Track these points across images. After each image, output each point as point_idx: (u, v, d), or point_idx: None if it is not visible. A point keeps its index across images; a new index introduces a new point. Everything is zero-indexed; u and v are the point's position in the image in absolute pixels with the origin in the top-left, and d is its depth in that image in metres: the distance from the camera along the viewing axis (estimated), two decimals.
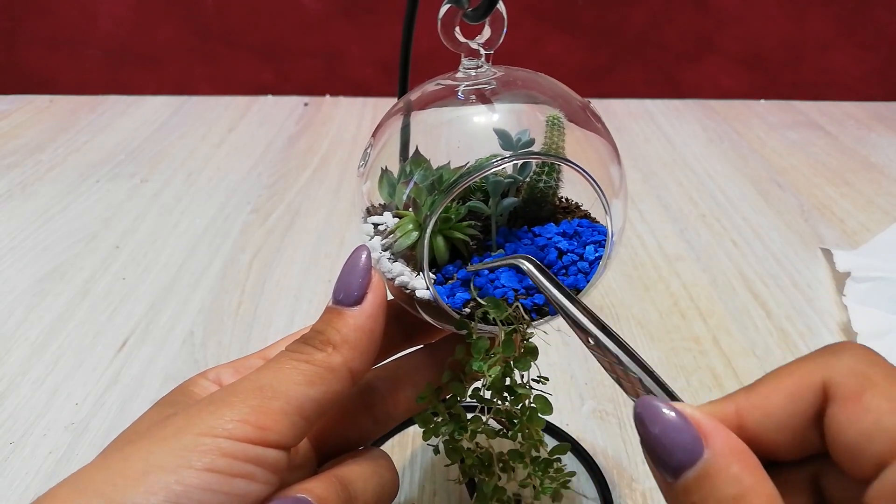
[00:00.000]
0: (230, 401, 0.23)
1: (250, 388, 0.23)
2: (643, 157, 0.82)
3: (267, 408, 0.22)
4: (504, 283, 0.28)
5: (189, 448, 0.21)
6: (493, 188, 0.29)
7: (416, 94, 0.30)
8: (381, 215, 0.30)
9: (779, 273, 0.58)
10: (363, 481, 0.26)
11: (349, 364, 0.25)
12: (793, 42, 0.97)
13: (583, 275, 0.29)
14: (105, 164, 0.79)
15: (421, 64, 0.31)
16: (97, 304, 0.54)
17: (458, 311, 0.28)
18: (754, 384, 0.22)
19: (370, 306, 0.25)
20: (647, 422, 0.20)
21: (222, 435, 0.21)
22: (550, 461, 0.30)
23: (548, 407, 0.29)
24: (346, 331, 0.25)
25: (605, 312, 0.54)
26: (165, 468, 0.20)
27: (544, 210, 0.31)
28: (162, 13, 0.97)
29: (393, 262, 0.28)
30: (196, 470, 0.21)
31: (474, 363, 0.28)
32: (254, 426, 0.22)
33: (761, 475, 0.19)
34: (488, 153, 0.27)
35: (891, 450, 0.18)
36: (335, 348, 0.25)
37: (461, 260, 0.29)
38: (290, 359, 0.24)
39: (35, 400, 0.45)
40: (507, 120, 0.28)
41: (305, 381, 0.24)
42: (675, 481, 0.20)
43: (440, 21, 0.28)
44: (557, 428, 0.42)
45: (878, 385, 0.19)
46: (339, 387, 0.24)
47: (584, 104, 0.30)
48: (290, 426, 0.23)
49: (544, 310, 0.29)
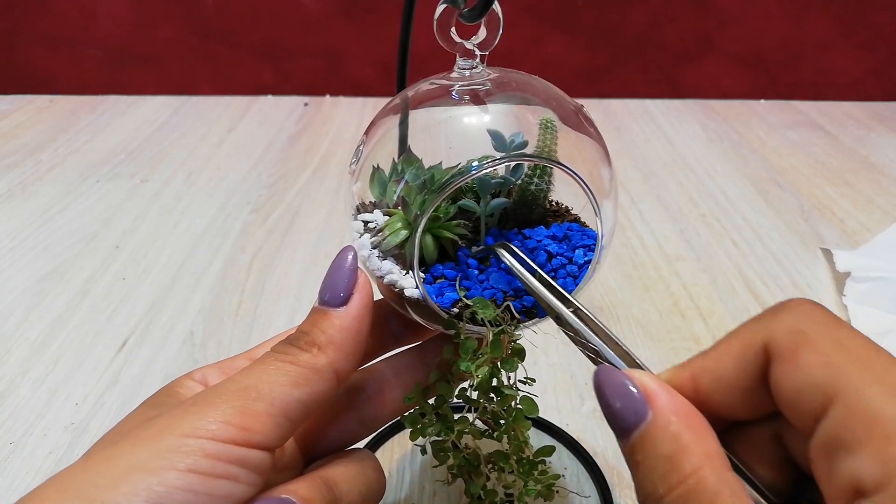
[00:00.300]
0: (214, 402, 0.22)
1: (234, 389, 0.23)
2: (643, 157, 0.82)
3: (251, 409, 0.22)
4: (493, 283, 0.28)
5: (172, 449, 0.21)
6: (482, 187, 0.29)
7: (410, 92, 0.30)
8: (372, 213, 0.30)
9: (779, 273, 0.58)
10: (348, 482, 0.26)
11: (334, 365, 0.25)
12: (793, 42, 0.97)
13: (571, 278, 0.29)
14: (105, 164, 0.79)
15: (419, 64, 0.31)
16: (97, 304, 0.54)
17: (446, 310, 0.28)
18: (709, 348, 0.22)
19: (356, 307, 0.25)
20: (602, 388, 0.21)
21: (206, 436, 0.21)
22: (535, 463, 0.30)
23: (534, 408, 0.29)
24: (332, 332, 0.25)
25: (605, 312, 0.54)
26: (148, 469, 0.20)
27: (535, 213, 0.31)
28: (162, 13, 0.97)
29: (382, 259, 0.28)
30: (178, 471, 0.20)
31: (462, 363, 0.28)
32: (237, 427, 0.22)
33: (702, 434, 0.20)
34: (481, 154, 0.27)
35: (822, 404, 0.18)
36: (320, 349, 0.25)
37: (450, 259, 0.29)
38: (274, 360, 0.24)
39: (35, 400, 0.45)
40: (500, 121, 0.28)
41: (290, 383, 0.24)
42: (625, 443, 0.21)
43: (436, 21, 0.28)
44: (557, 428, 0.42)
45: (812, 342, 0.19)
46: (323, 388, 0.24)
47: (577, 107, 0.30)
48: (274, 427, 0.23)
49: (532, 311, 0.29)
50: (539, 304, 0.27)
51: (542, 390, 0.46)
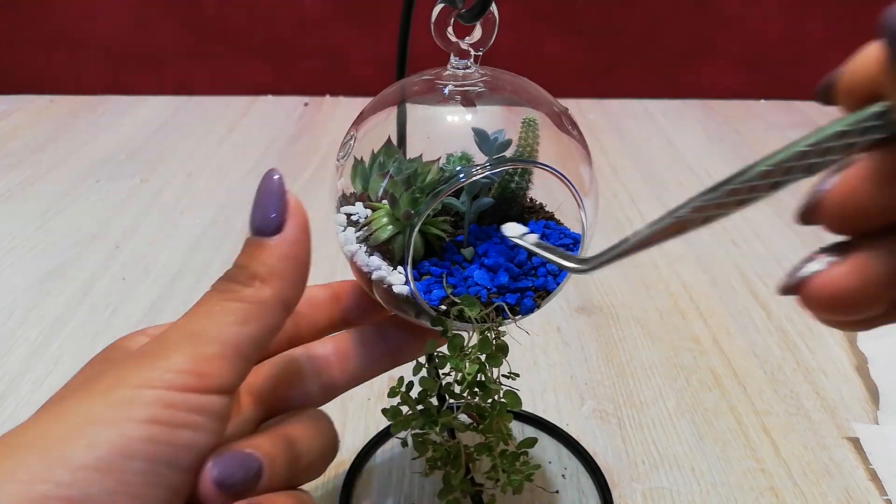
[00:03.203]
0: (164, 352, 0.22)
1: (182, 335, 0.22)
2: (643, 157, 0.82)
3: (203, 354, 0.22)
4: (477, 281, 0.28)
5: (127, 400, 0.20)
6: (469, 187, 0.29)
7: (402, 82, 0.31)
8: (353, 206, 0.30)
9: (779, 273, 0.58)
10: (308, 440, 0.26)
11: (280, 295, 0.24)
12: (793, 42, 0.97)
13: (552, 276, 0.30)
14: (105, 165, 0.79)
15: (419, 64, 0.31)
16: (97, 304, 0.54)
17: (434, 308, 0.28)
18: None
19: (293, 232, 0.24)
20: None
21: (161, 386, 0.21)
22: (517, 454, 0.31)
23: (516, 402, 0.30)
24: (272, 262, 0.24)
25: (605, 312, 0.54)
26: (105, 421, 0.20)
27: (513, 209, 0.31)
28: (162, 13, 0.97)
29: (370, 255, 0.28)
30: (138, 422, 0.20)
31: (450, 360, 0.28)
32: (192, 374, 0.21)
33: None
34: (460, 147, 0.28)
35: None
36: (262, 282, 0.24)
37: (435, 255, 0.29)
38: (218, 299, 0.23)
39: (35, 400, 0.45)
40: (485, 120, 0.29)
41: (238, 321, 0.23)
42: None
43: (433, 20, 0.28)
44: (557, 428, 0.42)
45: None
46: (273, 320, 0.24)
47: (563, 111, 0.31)
48: (231, 369, 0.22)
49: (516, 309, 0.29)
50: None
51: (542, 390, 0.46)
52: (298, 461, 0.25)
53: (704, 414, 0.44)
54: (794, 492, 0.38)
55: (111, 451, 0.19)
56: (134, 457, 0.20)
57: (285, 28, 0.98)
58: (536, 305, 0.29)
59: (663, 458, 0.41)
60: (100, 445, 0.19)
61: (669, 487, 0.39)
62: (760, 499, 0.38)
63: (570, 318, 0.53)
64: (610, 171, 0.78)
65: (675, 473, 0.40)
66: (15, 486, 0.18)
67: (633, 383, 0.46)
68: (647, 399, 0.45)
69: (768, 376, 0.47)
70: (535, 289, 0.29)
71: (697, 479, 0.39)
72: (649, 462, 0.40)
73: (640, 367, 0.48)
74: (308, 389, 0.30)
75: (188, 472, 0.21)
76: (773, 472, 0.40)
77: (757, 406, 0.45)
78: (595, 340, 0.50)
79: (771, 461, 0.40)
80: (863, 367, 0.47)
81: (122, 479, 0.19)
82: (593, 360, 0.49)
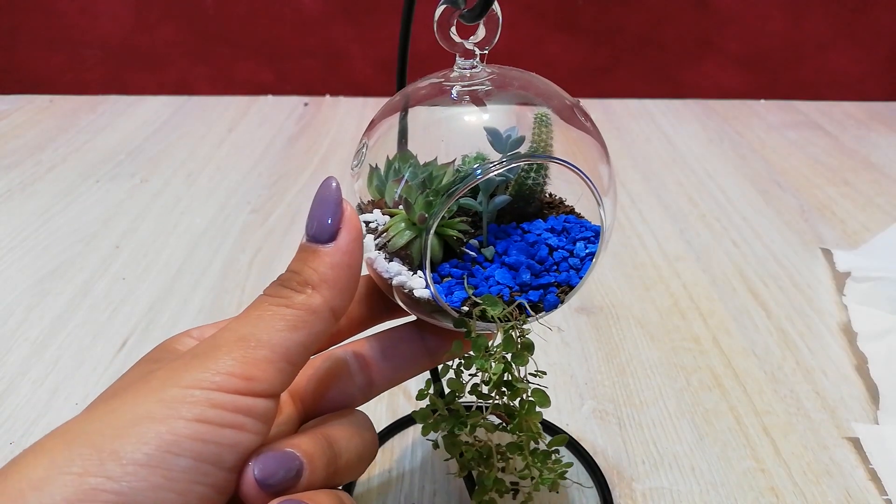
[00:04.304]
0: (214, 354, 0.22)
1: (233, 338, 0.23)
2: (643, 157, 0.82)
3: (252, 358, 0.22)
4: (499, 280, 0.28)
5: (177, 399, 0.21)
6: (485, 186, 0.29)
7: (409, 89, 0.31)
8: (371, 213, 0.30)
9: (779, 273, 0.58)
10: (346, 440, 0.26)
11: (330, 303, 0.24)
12: (793, 42, 0.97)
13: (574, 271, 0.29)
14: (105, 164, 0.79)
15: (419, 64, 0.31)
16: (97, 304, 0.54)
17: (456, 309, 0.28)
18: None
19: (346, 241, 0.25)
20: None
21: (210, 387, 0.21)
22: (549, 452, 0.31)
23: (546, 400, 0.29)
24: (324, 269, 0.24)
25: (606, 312, 0.54)
26: (155, 418, 0.20)
27: (531, 206, 0.31)
28: (162, 13, 0.97)
29: (389, 261, 0.28)
30: (186, 420, 0.20)
31: (476, 361, 0.28)
32: (241, 377, 0.22)
33: None
34: (475, 148, 0.28)
35: None
36: (314, 289, 0.24)
37: (455, 257, 0.29)
38: (269, 304, 0.24)
39: (35, 400, 0.45)
40: (498, 118, 0.28)
41: (288, 327, 0.23)
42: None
43: (436, 21, 0.28)
44: (557, 428, 0.42)
45: None
46: (322, 327, 0.24)
47: (574, 103, 0.30)
48: (277, 373, 0.23)
49: (539, 306, 0.29)
50: None
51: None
52: (338, 461, 0.25)
53: (704, 414, 0.44)
54: (794, 492, 0.38)
55: (160, 447, 0.20)
56: (181, 454, 0.20)
57: (285, 28, 0.98)
58: (560, 301, 0.29)
59: (663, 457, 0.41)
60: (149, 441, 0.20)
61: (669, 487, 0.39)
62: (760, 499, 0.38)
63: (570, 318, 0.53)
64: None
65: (675, 473, 0.40)
66: (70, 477, 0.19)
67: (633, 383, 0.46)
68: (647, 399, 0.45)
69: (768, 376, 0.47)
70: (559, 284, 0.29)
71: (697, 479, 0.39)
72: (649, 462, 0.40)
73: (640, 367, 0.48)
74: (349, 390, 0.30)
75: (231, 471, 0.22)
76: (772, 472, 0.40)
77: (757, 406, 0.45)
78: (595, 340, 0.50)
79: (771, 461, 0.40)
80: (863, 367, 0.47)
81: (169, 476, 0.20)
82: (593, 360, 0.49)
